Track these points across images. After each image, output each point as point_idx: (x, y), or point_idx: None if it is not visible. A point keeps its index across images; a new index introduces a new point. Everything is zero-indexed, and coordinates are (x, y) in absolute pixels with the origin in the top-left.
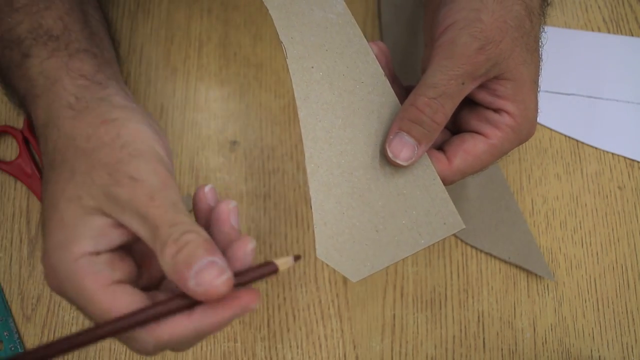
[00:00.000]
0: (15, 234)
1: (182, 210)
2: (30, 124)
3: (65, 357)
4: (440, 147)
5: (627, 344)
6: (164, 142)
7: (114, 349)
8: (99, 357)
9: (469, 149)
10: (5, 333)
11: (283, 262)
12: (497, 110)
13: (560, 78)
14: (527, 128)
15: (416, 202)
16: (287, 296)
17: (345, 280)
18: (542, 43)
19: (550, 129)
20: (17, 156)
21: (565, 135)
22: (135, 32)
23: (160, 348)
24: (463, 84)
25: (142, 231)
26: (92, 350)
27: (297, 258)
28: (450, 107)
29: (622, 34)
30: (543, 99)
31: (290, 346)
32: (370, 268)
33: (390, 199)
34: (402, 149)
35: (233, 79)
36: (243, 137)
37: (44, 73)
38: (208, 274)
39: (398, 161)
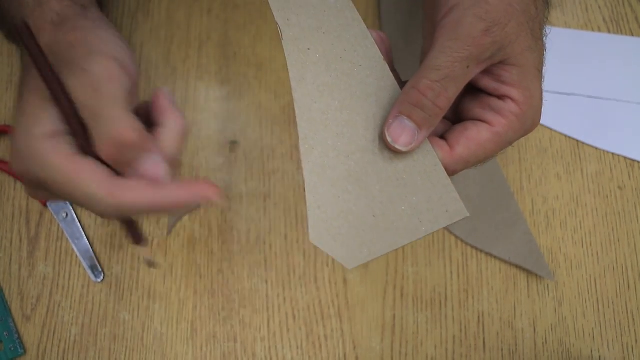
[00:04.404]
0: (15, 234)
1: (120, 105)
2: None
3: (65, 357)
4: (441, 136)
5: (627, 344)
6: (129, 53)
7: (114, 349)
8: (98, 357)
9: (472, 136)
10: (5, 333)
11: (145, 252)
12: (501, 97)
13: (561, 78)
14: (532, 116)
15: (416, 188)
16: (287, 296)
17: (345, 280)
18: (545, 32)
19: (551, 129)
20: None
21: (566, 135)
22: (135, 31)
23: (119, 212)
24: (468, 67)
25: (85, 119)
26: (91, 350)
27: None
28: (453, 92)
29: (622, 34)
30: (544, 99)
31: (290, 346)
32: (368, 255)
33: (389, 184)
34: (402, 134)
35: (233, 79)
36: (243, 137)
37: None
38: (148, 171)
39: (397, 146)
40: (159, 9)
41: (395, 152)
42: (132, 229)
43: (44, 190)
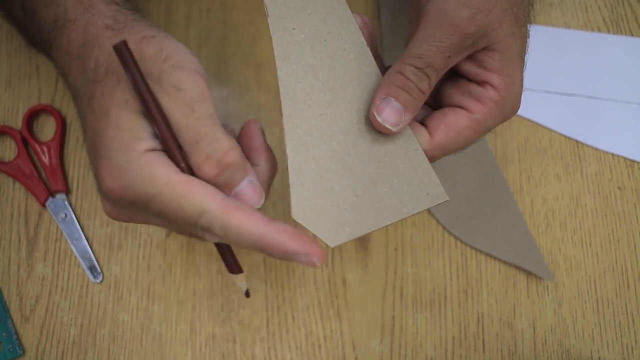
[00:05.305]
0: (14, 235)
1: (217, 123)
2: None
3: (64, 358)
4: (421, 122)
5: (627, 345)
6: (196, 59)
7: (113, 350)
8: (97, 358)
9: (451, 123)
10: (3, 334)
11: (240, 281)
12: (481, 84)
13: (560, 78)
14: (511, 103)
15: (397, 170)
16: (286, 297)
17: (344, 281)
18: (530, 19)
19: (550, 129)
20: (16, 157)
21: (565, 136)
22: None
23: (224, 232)
24: (449, 57)
25: (182, 139)
26: (90, 351)
27: (247, 294)
28: (434, 79)
29: (622, 34)
30: (544, 100)
31: (290, 347)
32: (350, 233)
33: (371, 166)
34: (391, 114)
35: (232, 80)
36: None
37: None
38: (247, 194)
39: (387, 125)
40: (158, 9)
41: (376, 135)
42: (229, 255)
43: (137, 209)
